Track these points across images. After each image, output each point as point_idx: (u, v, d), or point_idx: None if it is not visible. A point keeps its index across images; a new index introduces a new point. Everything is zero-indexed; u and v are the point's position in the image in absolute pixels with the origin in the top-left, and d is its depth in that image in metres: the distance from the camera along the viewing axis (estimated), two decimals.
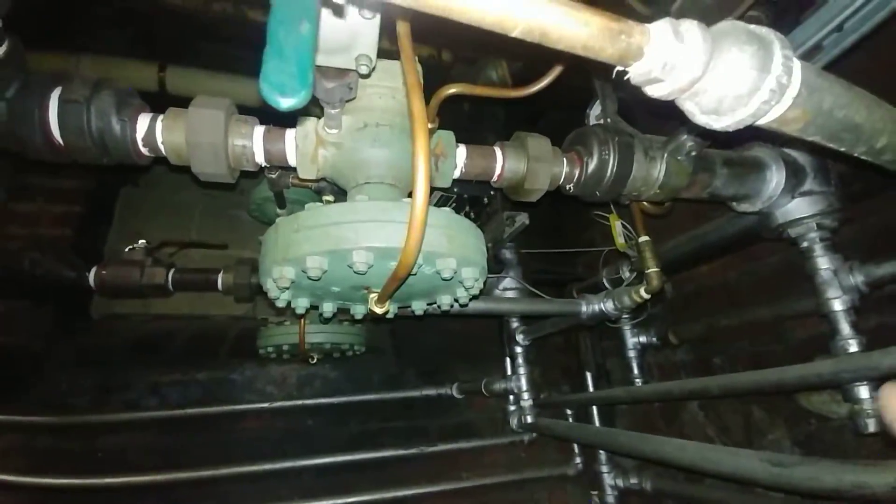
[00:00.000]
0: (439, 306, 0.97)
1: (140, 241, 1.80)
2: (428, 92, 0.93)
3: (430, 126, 0.89)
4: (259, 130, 0.89)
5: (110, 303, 2.58)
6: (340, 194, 1.38)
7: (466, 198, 1.66)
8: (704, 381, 1.48)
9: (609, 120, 1.21)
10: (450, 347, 2.89)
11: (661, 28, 0.38)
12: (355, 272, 0.67)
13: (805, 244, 1.33)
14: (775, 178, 1.28)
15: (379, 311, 0.79)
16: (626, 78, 0.42)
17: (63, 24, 2.35)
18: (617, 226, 1.55)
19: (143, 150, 0.86)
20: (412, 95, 0.53)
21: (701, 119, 0.46)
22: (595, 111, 1.29)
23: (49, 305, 2.20)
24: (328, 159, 0.89)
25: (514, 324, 2.20)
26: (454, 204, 1.67)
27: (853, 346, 1.23)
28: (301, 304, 0.83)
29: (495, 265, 1.97)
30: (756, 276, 2.08)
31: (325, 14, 0.56)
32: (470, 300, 0.91)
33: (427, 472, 2.43)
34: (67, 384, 2.23)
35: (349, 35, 0.61)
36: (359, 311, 0.90)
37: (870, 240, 1.53)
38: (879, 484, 0.83)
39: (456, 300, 0.94)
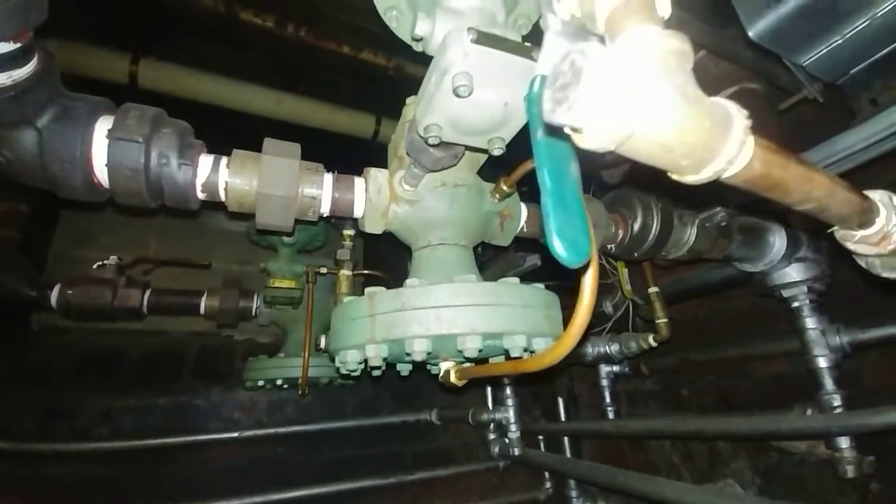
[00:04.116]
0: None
1: (111, 257, 1.61)
2: None
3: (507, 189, 0.88)
4: (328, 179, 0.83)
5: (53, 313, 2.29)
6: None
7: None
8: (700, 423, 1.57)
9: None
10: (427, 372, 2.85)
11: (883, 201, 0.42)
12: (465, 357, 0.64)
13: (796, 304, 1.46)
14: (777, 244, 1.40)
15: (459, 384, 0.76)
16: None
17: None
18: (624, 273, 1.61)
19: (201, 196, 0.77)
20: None
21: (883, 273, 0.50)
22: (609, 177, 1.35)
23: None
24: (399, 216, 0.85)
25: None
26: None
27: (836, 401, 1.37)
28: (376, 368, 0.78)
29: None
30: (724, 315, 2.24)
31: (488, 97, 0.53)
32: None
33: (403, 500, 2.38)
34: (10, 407, 1.93)
35: (500, 120, 0.59)
36: (433, 368, 0.86)
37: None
38: None
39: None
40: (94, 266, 1.60)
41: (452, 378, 0.76)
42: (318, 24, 2.51)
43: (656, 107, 0.27)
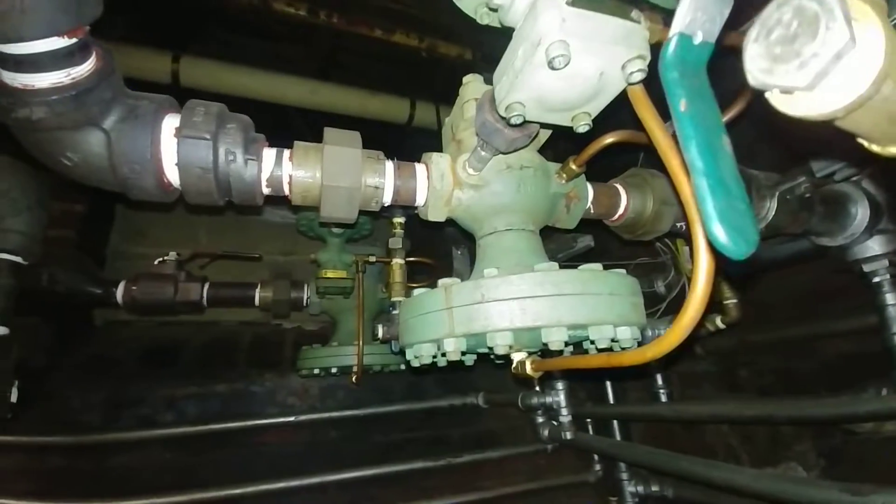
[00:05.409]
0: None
1: (170, 253, 1.66)
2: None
3: (576, 170, 0.83)
4: (390, 167, 0.80)
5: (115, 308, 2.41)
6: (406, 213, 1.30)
7: None
8: (768, 407, 1.49)
9: None
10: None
11: None
12: (551, 350, 0.61)
13: (877, 279, 1.35)
14: (860, 215, 1.28)
15: (535, 375, 0.73)
16: None
17: None
18: (685, 252, 1.53)
19: (265, 191, 0.76)
20: (681, 183, 0.44)
21: None
22: None
23: (56, 318, 2.01)
24: (463, 202, 0.81)
25: None
26: None
27: None
28: (443, 360, 0.76)
29: None
30: (786, 292, 2.11)
31: (583, 67, 0.48)
32: None
33: (451, 482, 2.40)
34: (77, 399, 2.06)
35: (592, 93, 0.54)
36: (498, 360, 0.84)
37: None
38: None
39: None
40: (155, 262, 1.65)
41: (528, 370, 0.73)
42: (350, 9, 2.47)
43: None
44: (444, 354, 0.67)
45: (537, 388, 2.39)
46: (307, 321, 2.74)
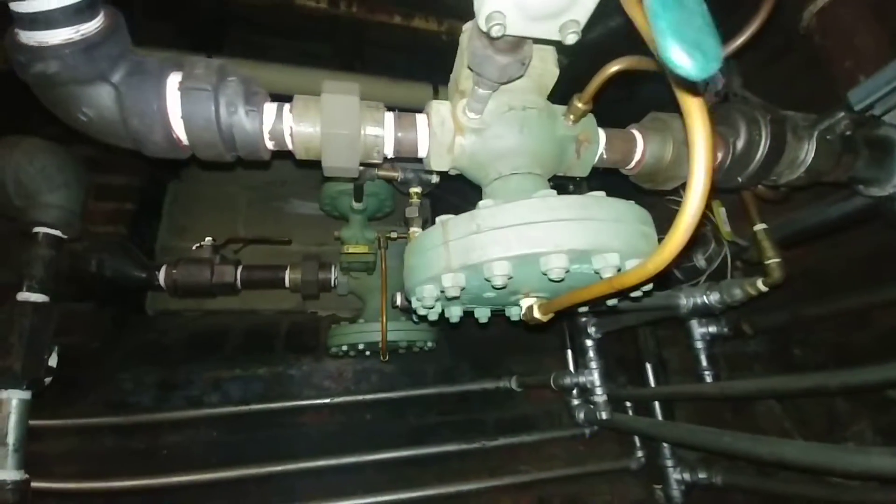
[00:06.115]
0: None
1: (206, 239, 1.74)
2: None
3: (582, 107, 0.79)
4: (390, 117, 0.80)
5: (165, 299, 2.57)
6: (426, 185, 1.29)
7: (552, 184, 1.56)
8: (820, 378, 1.38)
9: (737, 95, 1.09)
10: (504, 339, 2.81)
11: None
12: (550, 280, 0.58)
13: None
14: None
15: (544, 319, 0.71)
16: None
17: None
18: (721, 213, 1.43)
19: (269, 144, 0.78)
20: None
21: None
22: (713, 87, 1.17)
23: (110, 306, 2.17)
24: (466, 149, 0.80)
25: (584, 316, 2.10)
26: None
27: None
28: (455, 312, 0.75)
29: None
30: (839, 262, 1.95)
31: None
32: None
33: (487, 465, 2.39)
34: (130, 382, 2.21)
35: None
36: (514, 312, 0.82)
37: None
38: None
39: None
40: (193, 248, 1.75)
41: (536, 313, 0.71)
42: None
43: None
44: (443, 292, 0.66)
45: (571, 370, 2.33)
46: (341, 308, 2.82)
